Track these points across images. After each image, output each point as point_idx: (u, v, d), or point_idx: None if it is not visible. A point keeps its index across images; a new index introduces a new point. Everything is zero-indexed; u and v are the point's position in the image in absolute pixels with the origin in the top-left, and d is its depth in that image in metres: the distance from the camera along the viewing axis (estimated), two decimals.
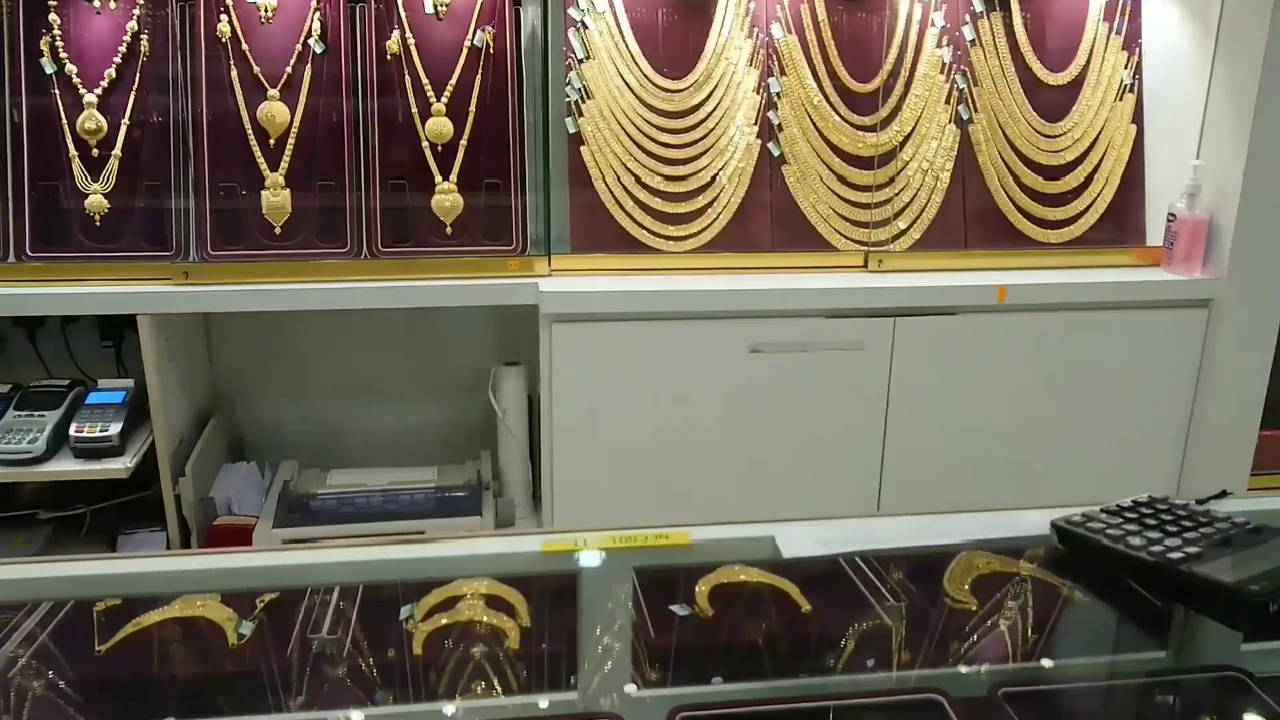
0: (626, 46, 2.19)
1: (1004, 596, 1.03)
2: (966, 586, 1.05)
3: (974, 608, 1.00)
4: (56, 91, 2.05)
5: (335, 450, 2.41)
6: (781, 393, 2.10)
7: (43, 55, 2.04)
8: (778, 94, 2.23)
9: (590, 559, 1.09)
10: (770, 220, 2.24)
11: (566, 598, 1.06)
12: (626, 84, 2.19)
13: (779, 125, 2.24)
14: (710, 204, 2.22)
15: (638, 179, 2.19)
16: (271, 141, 2.10)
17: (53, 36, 2.05)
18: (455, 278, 2.09)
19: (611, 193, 2.18)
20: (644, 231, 2.19)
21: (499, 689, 0.86)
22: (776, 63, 2.24)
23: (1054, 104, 2.34)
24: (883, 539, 1.12)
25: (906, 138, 2.27)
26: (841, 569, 1.07)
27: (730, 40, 2.22)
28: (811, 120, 2.25)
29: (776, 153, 2.24)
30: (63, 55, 2.05)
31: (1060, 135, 2.34)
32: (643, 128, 2.19)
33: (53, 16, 2.04)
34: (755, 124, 2.23)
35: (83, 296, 1.99)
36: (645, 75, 2.19)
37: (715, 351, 2.07)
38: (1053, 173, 2.34)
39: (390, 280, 2.07)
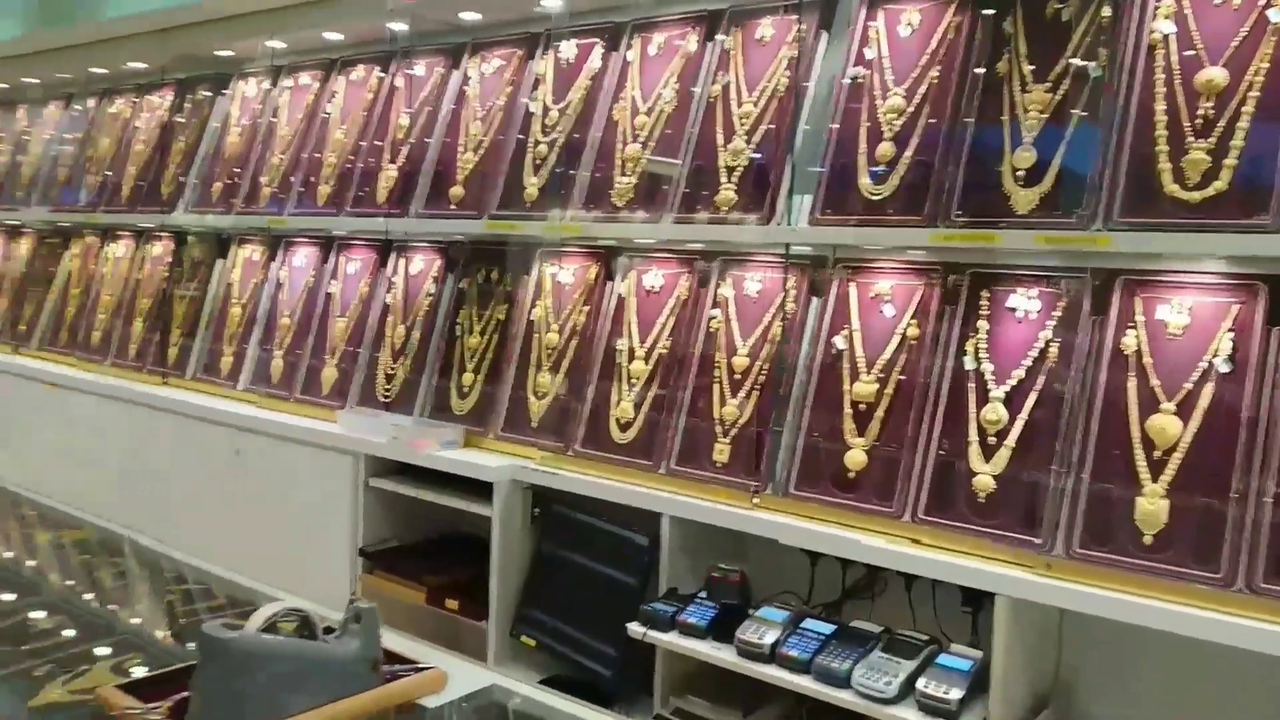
0: None
1: None
2: None
3: None
4: (971, 384, 2.38)
5: None
6: None
7: (965, 354, 2.40)
8: None
9: None
10: None
11: None
12: None
13: None
14: None
15: None
16: (1156, 452, 2.12)
17: (977, 340, 2.39)
18: None
19: None
20: None
21: None
22: None
23: None
24: None
25: None
26: None
27: None
28: None
29: None
30: (982, 355, 2.38)
31: None
32: None
33: (981, 323, 2.39)
34: None
35: (954, 566, 2.22)
36: None
37: None
38: None
39: (1271, 621, 1.89)
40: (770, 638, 2.32)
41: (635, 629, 2.50)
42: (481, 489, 3.00)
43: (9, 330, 5.20)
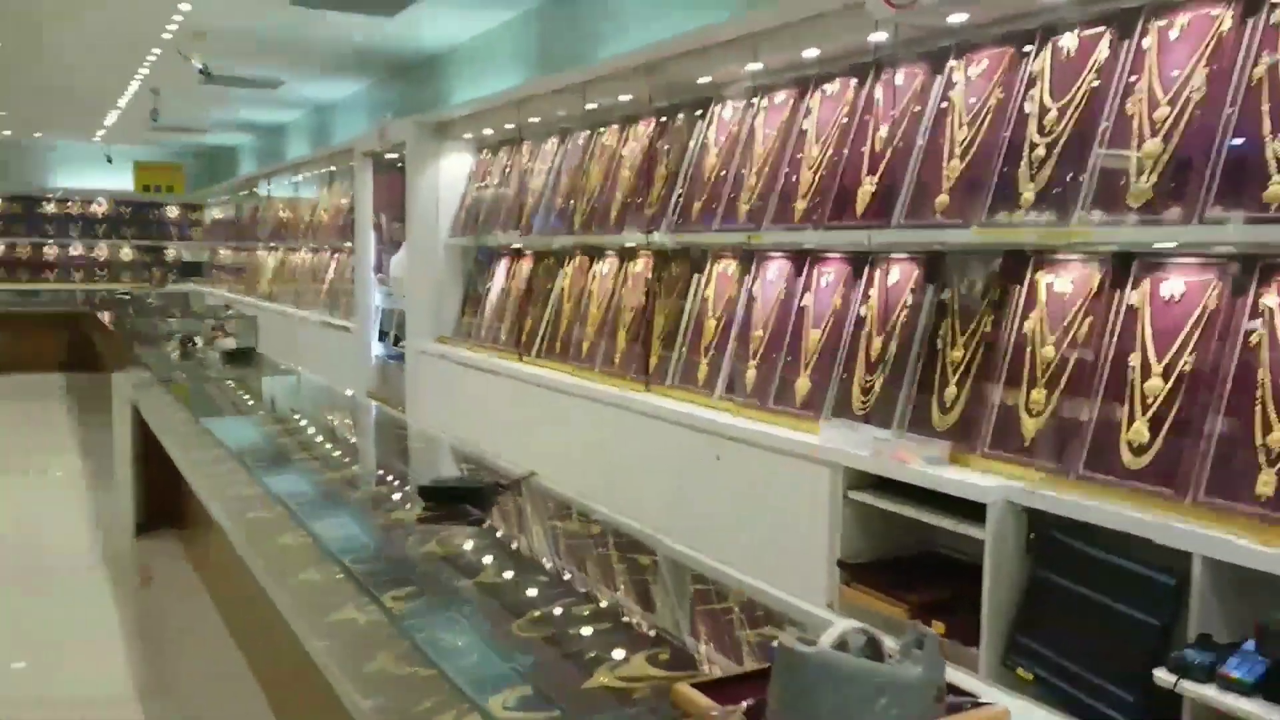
0: None
1: None
2: None
3: None
4: None
5: None
6: None
7: None
8: None
9: None
10: None
11: None
12: None
13: None
14: None
15: None
16: None
17: None
18: None
19: None
20: None
21: None
22: None
23: None
24: None
25: None
26: None
27: None
28: None
29: None
30: None
31: None
32: None
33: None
34: None
35: None
36: None
37: None
38: None
39: None
40: None
41: (1163, 677, 2.25)
42: (965, 507, 2.88)
43: (514, 341, 5.91)
